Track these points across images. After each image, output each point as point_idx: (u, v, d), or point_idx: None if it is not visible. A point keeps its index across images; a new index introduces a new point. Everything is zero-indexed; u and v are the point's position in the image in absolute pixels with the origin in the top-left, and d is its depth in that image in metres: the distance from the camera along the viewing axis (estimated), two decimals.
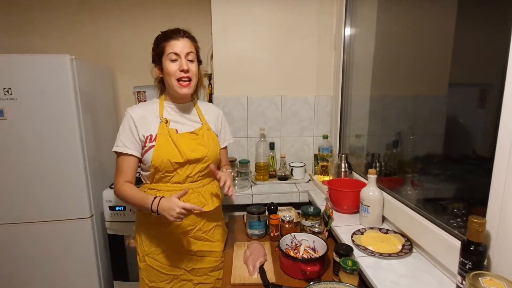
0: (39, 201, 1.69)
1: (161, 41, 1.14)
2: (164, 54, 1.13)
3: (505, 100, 0.70)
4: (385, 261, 0.99)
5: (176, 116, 1.21)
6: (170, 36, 1.13)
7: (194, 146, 1.17)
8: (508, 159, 0.69)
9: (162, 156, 1.12)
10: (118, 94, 2.29)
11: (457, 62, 1.02)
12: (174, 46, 1.11)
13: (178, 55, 1.12)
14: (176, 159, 1.13)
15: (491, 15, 0.89)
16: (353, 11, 1.71)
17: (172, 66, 1.12)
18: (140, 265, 1.22)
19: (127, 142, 1.13)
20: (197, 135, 1.20)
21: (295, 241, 1.18)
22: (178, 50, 1.11)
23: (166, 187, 1.16)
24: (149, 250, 1.19)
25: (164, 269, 1.20)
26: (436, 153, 1.17)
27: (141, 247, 1.21)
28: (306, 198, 1.68)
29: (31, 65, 1.57)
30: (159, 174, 1.15)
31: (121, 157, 1.15)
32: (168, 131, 1.15)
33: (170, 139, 1.14)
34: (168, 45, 1.12)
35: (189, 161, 1.15)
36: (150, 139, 1.14)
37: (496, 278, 0.64)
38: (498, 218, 0.72)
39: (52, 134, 1.63)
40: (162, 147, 1.12)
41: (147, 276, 1.21)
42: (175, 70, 1.12)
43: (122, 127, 1.15)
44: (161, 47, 1.13)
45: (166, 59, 1.13)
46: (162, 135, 1.14)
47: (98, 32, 2.18)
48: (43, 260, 1.76)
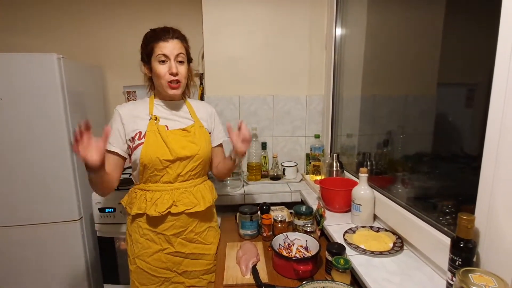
0: (26, 203, 1.65)
1: (150, 41, 1.11)
2: (153, 55, 1.10)
3: (492, 99, 0.71)
4: (376, 259, 1.00)
5: (167, 113, 1.19)
6: (160, 37, 1.09)
7: (185, 143, 1.15)
8: (495, 157, 0.71)
9: (150, 154, 1.09)
10: (108, 94, 2.25)
11: (446, 62, 1.03)
12: (164, 47, 1.08)
13: (168, 57, 1.09)
14: (165, 156, 1.10)
15: (479, 16, 0.91)
16: (343, 12, 1.72)
17: (161, 68, 1.10)
18: (130, 268, 1.20)
19: (112, 139, 1.11)
20: (189, 132, 1.18)
21: (287, 240, 1.18)
22: (168, 52, 1.08)
23: (156, 187, 1.14)
24: (139, 252, 1.17)
25: (155, 271, 1.17)
26: (425, 151, 1.19)
27: (131, 249, 1.19)
28: (298, 197, 1.69)
29: (17, 64, 1.53)
30: (148, 173, 1.13)
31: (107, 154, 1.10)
32: (158, 128, 1.12)
33: (159, 136, 1.11)
34: (157, 46, 1.09)
35: (179, 159, 1.13)
36: (139, 136, 1.12)
37: (486, 274, 0.65)
38: (487, 215, 0.73)
39: (39, 134, 1.60)
40: (150, 144, 1.10)
41: (138, 278, 1.19)
42: (164, 72, 1.10)
43: (110, 124, 1.13)
44: (150, 47, 1.11)
45: (155, 60, 1.10)
46: (151, 132, 1.12)
47: (87, 31, 2.14)
48: (31, 264, 1.72)
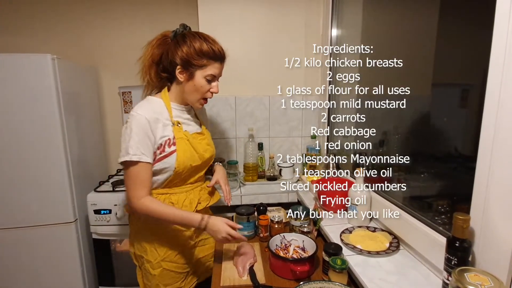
0: (20, 205, 1.63)
1: (207, 57, 1.08)
2: (201, 69, 1.09)
3: (486, 99, 0.72)
4: (373, 259, 1.00)
5: (182, 117, 1.17)
6: (217, 58, 1.10)
7: (205, 147, 1.18)
8: (490, 156, 0.71)
9: (185, 162, 1.10)
10: (103, 95, 2.23)
11: (440, 63, 1.04)
12: (217, 69, 1.11)
13: (215, 78, 1.12)
14: (196, 162, 1.14)
15: (473, 17, 0.92)
16: (339, 12, 1.73)
17: (206, 85, 1.10)
18: (153, 273, 1.16)
19: (144, 149, 1.03)
20: (204, 134, 1.21)
21: (284, 241, 1.18)
22: (218, 74, 1.12)
23: (180, 189, 1.16)
24: (165, 254, 1.16)
25: (180, 268, 1.19)
26: (421, 151, 1.20)
27: (153, 254, 1.16)
28: (295, 198, 1.69)
29: (10, 65, 1.51)
30: (177, 179, 1.13)
31: (137, 167, 1.03)
32: (185, 134, 1.13)
33: (188, 142, 1.12)
34: (211, 65, 1.09)
35: (203, 162, 1.17)
36: (169, 143, 1.09)
37: (481, 274, 0.66)
38: (482, 214, 0.74)
39: (33, 136, 1.57)
40: (185, 152, 1.10)
41: (163, 280, 1.17)
42: (207, 90, 1.11)
43: (135, 132, 1.02)
44: (203, 61, 1.08)
45: (201, 74, 1.09)
46: (180, 139, 1.10)
47: (81, 31, 2.12)
48: (25, 266, 1.69)
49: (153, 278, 1.17)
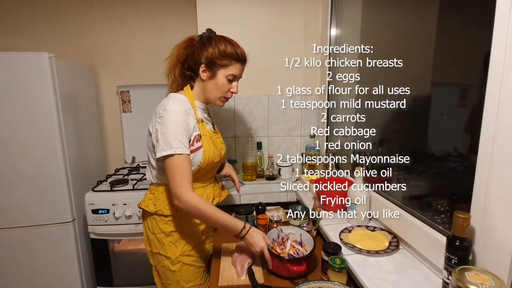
0: (18, 205, 1.62)
1: (230, 58, 1.13)
2: (224, 68, 1.14)
3: (487, 99, 0.72)
4: (372, 259, 1.00)
5: (203, 115, 1.22)
6: (239, 60, 1.16)
7: (220, 144, 1.25)
8: (490, 155, 0.71)
9: (209, 157, 1.15)
10: (101, 94, 2.22)
11: (440, 63, 1.04)
12: (238, 70, 1.16)
13: (236, 78, 1.18)
14: (216, 158, 1.19)
15: (473, 17, 0.92)
16: (338, 12, 1.73)
17: (227, 85, 1.16)
18: (173, 269, 1.16)
19: (186, 142, 1.06)
20: (218, 133, 1.28)
21: (281, 234, 1.17)
22: (239, 74, 1.18)
23: (196, 185, 1.18)
24: (183, 248, 1.17)
25: (198, 261, 1.21)
26: (420, 151, 1.20)
27: (172, 249, 1.16)
28: (294, 197, 1.69)
29: (7, 63, 1.50)
30: (198, 174, 1.16)
31: (182, 159, 1.03)
32: (208, 132, 1.18)
33: (210, 139, 1.17)
34: (234, 66, 1.14)
35: (221, 160, 1.24)
36: (197, 139, 1.13)
37: (481, 273, 0.65)
38: (482, 213, 0.74)
39: (30, 135, 1.57)
40: (210, 148, 1.16)
41: (183, 277, 1.17)
42: (227, 89, 1.16)
43: (175, 125, 1.04)
44: (226, 61, 1.13)
45: (223, 74, 1.14)
46: (205, 136, 1.15)
47: (79, 30, 2.11)
48: (23, 266, 1.69)
49: (173, 275, 1.17)
